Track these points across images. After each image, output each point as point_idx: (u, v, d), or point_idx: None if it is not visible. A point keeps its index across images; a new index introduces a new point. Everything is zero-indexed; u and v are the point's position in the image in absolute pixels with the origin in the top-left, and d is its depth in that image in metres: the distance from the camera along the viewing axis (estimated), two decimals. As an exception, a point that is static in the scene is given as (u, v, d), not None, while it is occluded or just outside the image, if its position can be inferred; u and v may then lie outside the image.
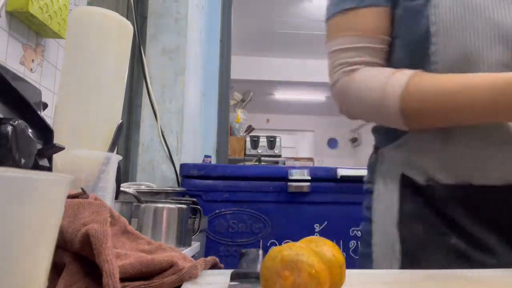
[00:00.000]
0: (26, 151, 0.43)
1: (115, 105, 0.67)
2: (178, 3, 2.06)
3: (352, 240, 1.71)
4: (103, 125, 0.64)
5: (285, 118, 9.25)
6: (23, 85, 0.87)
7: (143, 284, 0.35)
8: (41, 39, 1.08)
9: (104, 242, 0.32)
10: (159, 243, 0.47)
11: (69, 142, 0.56)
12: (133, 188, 1.31)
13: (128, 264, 0.35)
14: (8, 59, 0.95)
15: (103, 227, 0.33)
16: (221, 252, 1.75)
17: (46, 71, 1.10)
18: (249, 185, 1.76)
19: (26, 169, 0.44)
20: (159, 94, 1.97)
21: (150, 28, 2.03)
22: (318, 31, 5.54)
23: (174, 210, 0.95)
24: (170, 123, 1.98)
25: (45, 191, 0.23)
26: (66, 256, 0.35)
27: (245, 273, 0.38)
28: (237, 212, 1.77)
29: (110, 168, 0.61)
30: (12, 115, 0.45)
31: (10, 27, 0.95)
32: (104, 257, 0.31)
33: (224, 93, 2.81)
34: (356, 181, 1.73)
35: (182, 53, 2.02)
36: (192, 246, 1.06)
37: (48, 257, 0.24)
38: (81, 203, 0.38)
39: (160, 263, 0.37)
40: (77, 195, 0.46)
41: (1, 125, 0.40)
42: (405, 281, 0.43)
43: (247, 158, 3.89)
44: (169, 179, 1.92)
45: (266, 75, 6.61)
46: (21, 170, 0.22)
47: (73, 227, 0.35)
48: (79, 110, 0.63)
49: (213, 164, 2.52)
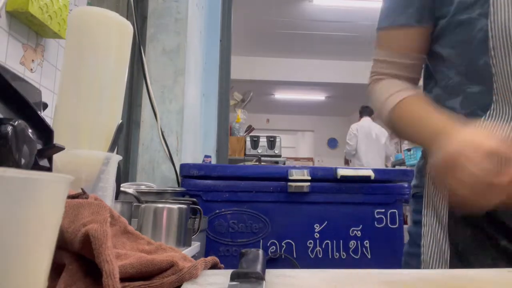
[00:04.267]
0: (26, 151, 0.43)
1: (115, 105, 0.67)
2: (178, 3, 2.06)
3: (352, 240, 1.71)
4: (103, 125, 0.64)
5: (285, 118, 9.26)
6: (23, 85, 0.87)
7: (143, 284, 0.35)
8: (41, 39, 1.08)
9: (104, 242, 0.32)
10: (159, 243, 0.47)
11: (69, 142, 0.56)
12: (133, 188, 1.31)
13: (128, 264, 0.35)
14: (8, 59, 0.95)
15: (103, 227, 0.33)
16: (221, 252, 1.75)
17: (46, 71, 1.10)
18: (249, 185, 1.76)
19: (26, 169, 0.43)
20: (159, 94, 1.97)
21: (150, 28, 2.03)
22: (317, 31, 5.54)
23: (174, 210, 0.95)
24: (170, 123, 1.98)
25: (45, 191, 0.23)
26: (66, 256, 0.35)
27: (245, 273, 0.38)
28: (237, 212, 1.77)
29: (110, 168, 0.61)
30: (12, 115, 0.45)
31: (10, 27, 0.95)
32: (104, 257, 0.31)
33: (224, 93, 2.81)
34: (356, 181, 1.73)
35: (182, 53, 2.02)
36: (192, 246, 1.06)
37: (48, 257, 0.24)
38: (81, 203, 0.38)
39: (160, 263, 0.37)
40: (77, 195, 0.46)
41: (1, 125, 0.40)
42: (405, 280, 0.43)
43: (247, 158, 3.89)
44: (169, 179, 1.92)
45: (266, 75, 6.62)
46: (21, 170, 0.22)
47: (73, 227, 0.35)
48: (79, 110, 0.63)
49: (213, 164, 2.52)
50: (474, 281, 0.43)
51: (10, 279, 0.21)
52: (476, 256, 0.67)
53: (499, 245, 0.65)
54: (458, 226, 0.70)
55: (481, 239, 0.67)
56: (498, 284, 0.43)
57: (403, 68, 0.78)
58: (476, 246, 0.68)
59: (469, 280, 0.44)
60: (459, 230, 0.70)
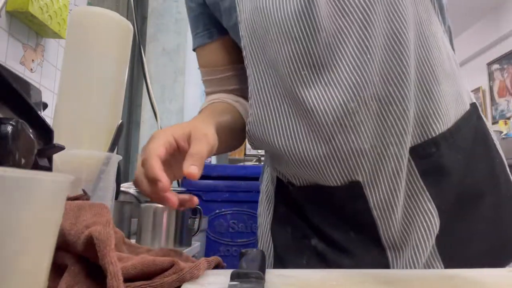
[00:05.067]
0: (26, 151, 0.43)
1: (115, 105, 0.67)
2: (178, 3, 2.06)
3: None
4: (103, 125, 0.64)
5: (285, 118, 9.24)
6: (23, 85, 0.87)
7: (143, 284, 0.35)
8: (41, 39, 1.08)
9: (108, 244, 0.32)
10: (160, 248, 0.48)
11: (69, 142, 0.56)
12: (133, 188, 1.31)
13: (130, 265, 0.35)
14: (8, 59, 0.95)
15: (107, 229, 0.33)
16: (221, 252, 1.75)
17: (46, 71, 1.10)
18: (249, 185, 1.76)
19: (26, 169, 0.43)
20: (159, 94, 1.97)
21: (150, 28, 2.03)
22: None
23: (174, 210, 0.95)
24: (170, 123, 1.98)
25: (45, 191, 0.23)
26: (68, 257, 0.35)
27: (245, 273, 0.38)
28: (237, 212, 1.77)
29: (110, 168, 0.61)
30: (12, 115, 0.45)
31: (10, 27, 0.95)
32: (108, 259, 0.31)
33: (224, 93, 2.81)
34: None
35: (182, 53, 2.02)
36: (192, 246, 1.06)
37: (48, 257, 0.24)
38: (82, 205, 0.38)
39: (162, 263, 0.37)
40: (78, 197, 0.46)
41: (1, 125, 0.40)
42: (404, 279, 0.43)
43: (247, 158, 3.88)
44: (169, 179, 1.92)
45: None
46: (21, 170, 0.22)
47: (75, 229, 0.35)
48: (79, 110, 0.63)
49: (213, 164, 2.52)
50: (469, 281, 0.43)
51: (10, 279, 0.21)
52: (293, 257, 0.67)
53: (311, 244, 0.65)
54: (280, 226, 0.70)
55: (297, 238, 0.67)
56: (498, 284, 0.43)
57: (219, 83, 0.78)
58: (293, 246, 0.68)
59: (462, 279, 0.44)
60: (280, 230, 0.70)
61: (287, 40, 0.58)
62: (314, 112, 0.58)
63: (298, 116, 0.60)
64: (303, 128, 0.60)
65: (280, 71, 0.60)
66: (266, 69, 0.63)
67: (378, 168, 0.59)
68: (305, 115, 0.59)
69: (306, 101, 0.58)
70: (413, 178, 0.60)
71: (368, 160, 0.58)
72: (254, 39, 0.63)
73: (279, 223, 0.71)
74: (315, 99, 0.58)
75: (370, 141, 0.58)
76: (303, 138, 0.61)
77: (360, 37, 0.57)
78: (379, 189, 0.59)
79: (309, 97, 0.58)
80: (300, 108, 0.59)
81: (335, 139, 0.58)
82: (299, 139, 0.61)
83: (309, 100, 0.58)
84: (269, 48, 0.61)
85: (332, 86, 0.57)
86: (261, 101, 0.64)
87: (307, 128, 0.60)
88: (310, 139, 0.60)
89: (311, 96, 0.58)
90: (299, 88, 0.59)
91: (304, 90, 0.58)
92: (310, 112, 0.58)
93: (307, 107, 0.58)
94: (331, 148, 0.59)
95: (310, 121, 0.59)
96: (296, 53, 0.58)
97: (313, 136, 0.60)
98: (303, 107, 0.59)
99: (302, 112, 0.59)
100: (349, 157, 0.59)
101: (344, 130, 0.58)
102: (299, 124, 0.61)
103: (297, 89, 0.59)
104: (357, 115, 0.57)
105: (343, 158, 0.59)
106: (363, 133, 0.57)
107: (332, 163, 0.60)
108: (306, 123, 0.60)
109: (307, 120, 0.59)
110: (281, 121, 0.62)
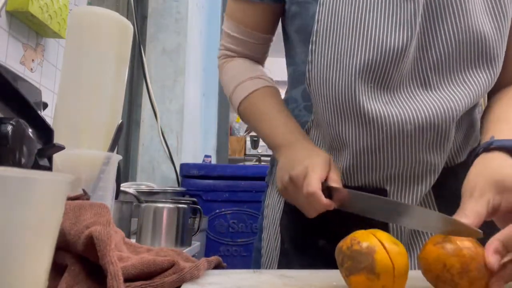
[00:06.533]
0: (26, 151, 0.43)
1: (115, 105, 0.67)
2: (178, 3, 2.06)
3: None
4: (103, 125, 0.64)
5: (285, 118, 9.24)
6: (23, 85, 0.87)
7: (144, 284, 0.35)
8: (41, 39, 1.08)
9: (108, 244, 0.32)
10: (160, 247, 0.48)
11: (69, 142, 0.55)
12: (133, 188, 1.31)
13: (130, 265, 0.35)
14: (8, 59, 0.95)
15: (107, 229, 0.33)
16: (221, 252, 1.75)
17: (46, 71, 1.10)
18: (249, 185, 1.76)
19: (26, 169, 0.43)
20: (159, 94, 1.97)
21: (150, 28, 2.03)
22: (318, 31, 5.53)
23: (174, 210, 0.95)
24: (170, 123, 1.98)
25: (45, 191, 0.23)
26: (68, 257, 0.35)
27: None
28: (237, 212, 1.77)
29: (110, 168, 0.61)
30: (12, 115, 0.45)
31: (10, 27, 0.95)
32: (108, 259, 0.31)
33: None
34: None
35: (182, 53, 2.02)
36: (192, 246, 1.06)
37: (48, 256, 0.24)
38: (82, 205, 0.38)
39: (162, 263, 0.37)
40: (78, 197, 0.46)
41: (1, 125, 0.40)
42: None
43: (247, 158, 3.89)
44: (169, 179, 1.92)
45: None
46: (21, 170, 0.22)
47: (76, 229, 0.35)
48: (79, 110, 0.63)
49: (213, 164, 2.52)
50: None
51: (10, 278, 0.21)
52: (300, 256, 0.67)
53: (319, 245, 0.65)
54: (288, 223, 0.69)
55: (306, 237, 0.67)
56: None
57: (252, 48, 0.75)
58: (302, 245, 0.68)
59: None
60: (289, 227, 0.69)
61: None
62: (375, 120, 0.58)
63: (353, 115, 0.60)
64: (355, 125, 0.60)
65: (347, 71, 0.58)
66: (331, 59, 0.60)
67: (409, 183, 0.62)
68: (360, 116, 0.59)
69: (367, 108, 0.58)
70: (427, 199, 0.65)
71: (404, 175, 0.61)
72: (331, 27, 0.60)
73: (288, 219, 0.69)
74: (380, 110, 0.58)
75: (413, 160, 0.60)
76: (353, 132, 0.60)
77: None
78: (401, 199, 0.62)
79: (372, 107, 0.58)
80: (356, 110, 0.59)
81: (384, 148, 0.59)
82: (346, 130, 0.61)
83: (372, 109, 0.58)
84: (341, 44, 0.58)
85: (399, 104, 0.59)
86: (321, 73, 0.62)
87: (360, 129, 0.60)
88: (360, 136, 0.60)
89: (375, 107, 0.58)
90: (362, 96, 0.58)
91: (367, 99, 0.58)
92: (368, 118, 0.58)
93: (366, 112, 0.58)
94: (377, 153, 0.60)
95: (366, 126, 0.59)
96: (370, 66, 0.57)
97: (364, 137, 0.60)
98: (361, 111, 0.58)
99: (357, 112, 0.59)
100: (388, 167, 0.61)
101: (394, 143, 0.59)
102: (351, 121, 0.60)
103: (360, 98, 0.58)
104: (412, 137, 0.59)
105: (384, 167, 0.61)
106: (413, 150, 0.59)
107: (371, 167, 0.62)
108: (360, 123, 0.59)
109: (361, 121, 0.59)
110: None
